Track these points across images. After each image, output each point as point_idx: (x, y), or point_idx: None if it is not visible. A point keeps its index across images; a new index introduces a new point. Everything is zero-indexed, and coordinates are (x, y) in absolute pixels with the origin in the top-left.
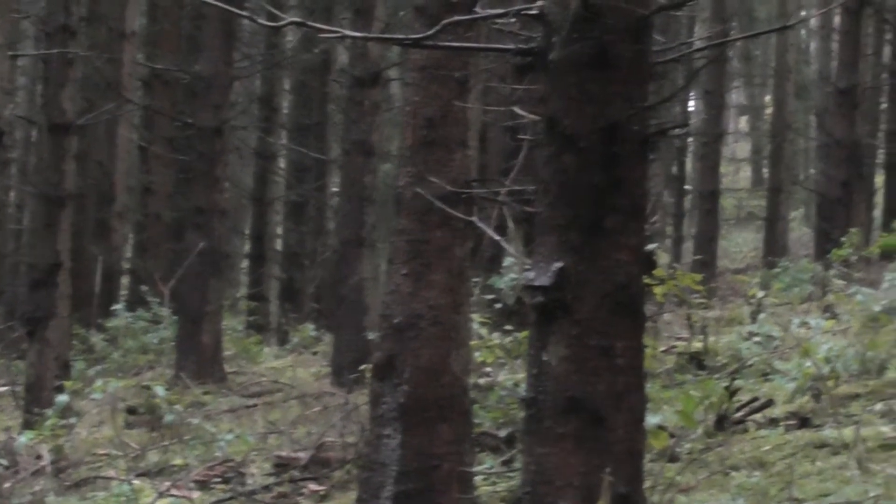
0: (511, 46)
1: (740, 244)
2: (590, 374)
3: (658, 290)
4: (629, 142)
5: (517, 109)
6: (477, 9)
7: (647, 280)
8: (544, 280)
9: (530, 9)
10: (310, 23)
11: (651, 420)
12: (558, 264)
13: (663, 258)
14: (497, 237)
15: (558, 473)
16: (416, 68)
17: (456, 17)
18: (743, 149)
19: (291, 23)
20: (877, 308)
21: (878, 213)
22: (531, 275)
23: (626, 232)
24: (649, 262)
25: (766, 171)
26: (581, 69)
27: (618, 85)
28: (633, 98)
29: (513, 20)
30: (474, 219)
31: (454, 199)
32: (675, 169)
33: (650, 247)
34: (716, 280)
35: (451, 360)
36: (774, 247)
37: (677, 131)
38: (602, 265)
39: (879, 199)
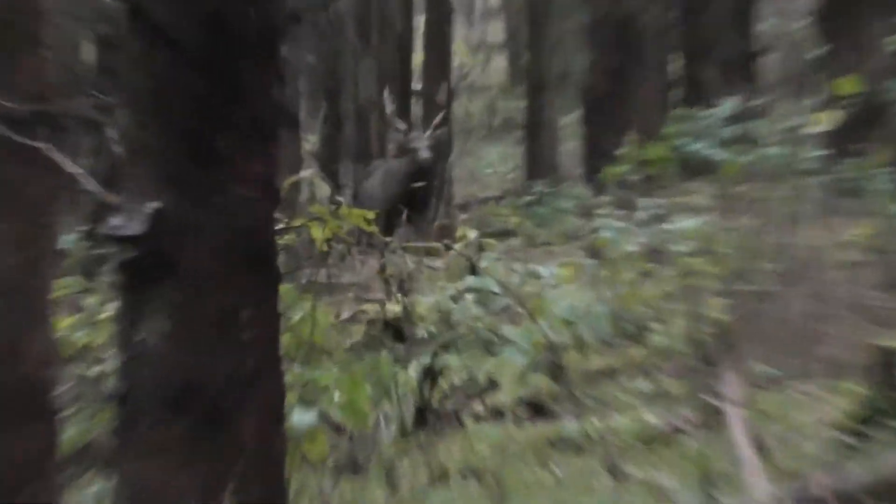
0: None
1: (495, 163)
2: (203, 355)
3: (317, 232)
4: (244, 35)
5: None
6: None
7: (299, 221)
8: (135, 227)
9: None
10: None
11: (306, 418)
12: (154, 205)
13: (324, 189)
14: (78, 170)
15: (163, 495)
16: None
17: None
18: (496, 30)
19: None
20: (631, 248)
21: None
22: (116, 221)
23: (247, 156)
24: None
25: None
26: None
27: None
28: None
29: None
30: (44, 145)
31: (26, 121)
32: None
33: (303, 174)
34: (450, 216)
35: (26, 342)
36: (539, 165)
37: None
38: (216, 203)
39: None
